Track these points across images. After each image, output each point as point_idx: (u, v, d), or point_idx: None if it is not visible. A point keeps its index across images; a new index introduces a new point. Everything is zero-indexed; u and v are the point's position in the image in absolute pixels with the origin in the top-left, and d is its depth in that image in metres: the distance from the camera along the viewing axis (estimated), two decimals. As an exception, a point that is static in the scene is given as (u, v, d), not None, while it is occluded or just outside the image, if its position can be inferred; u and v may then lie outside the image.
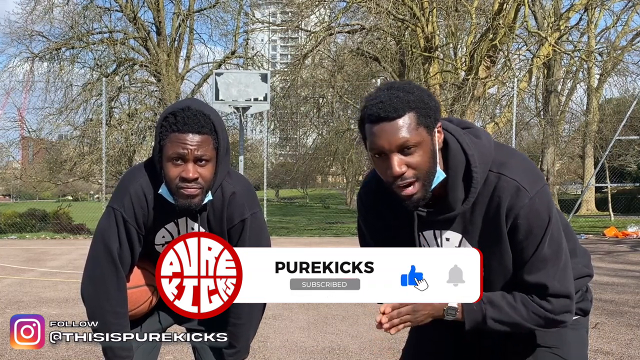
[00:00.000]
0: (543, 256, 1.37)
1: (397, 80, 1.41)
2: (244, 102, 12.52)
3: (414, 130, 1.31)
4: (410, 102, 1.31)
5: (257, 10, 24.61)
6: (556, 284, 1.37)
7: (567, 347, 1.51)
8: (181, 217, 1.75)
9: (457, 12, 15.38)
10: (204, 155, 1.62)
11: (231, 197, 1.76)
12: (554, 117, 21.10)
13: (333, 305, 5.82)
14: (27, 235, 14.72)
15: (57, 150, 20.34)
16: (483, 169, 1.38)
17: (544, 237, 1.36)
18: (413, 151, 1.32)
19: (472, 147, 1.39)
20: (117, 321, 1.74)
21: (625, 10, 19.21)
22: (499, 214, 1.37)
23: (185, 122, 1.60)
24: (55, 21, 19.06)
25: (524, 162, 1.42)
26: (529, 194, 1.35)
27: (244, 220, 1.78)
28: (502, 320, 1.39)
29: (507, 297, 1.41)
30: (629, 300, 6.03)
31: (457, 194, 1.39)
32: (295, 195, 45.63)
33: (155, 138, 1.67)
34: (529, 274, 1.39)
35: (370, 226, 1.61)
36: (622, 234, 14.18)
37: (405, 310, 1.38)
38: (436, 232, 1.46)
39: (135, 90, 20.47)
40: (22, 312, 5.06)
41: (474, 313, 1.40)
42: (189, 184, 1.61)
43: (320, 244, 13.10)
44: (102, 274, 1.73)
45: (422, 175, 1.34)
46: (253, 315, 1.86)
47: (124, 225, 1.72)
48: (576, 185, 32.08)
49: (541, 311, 1.38)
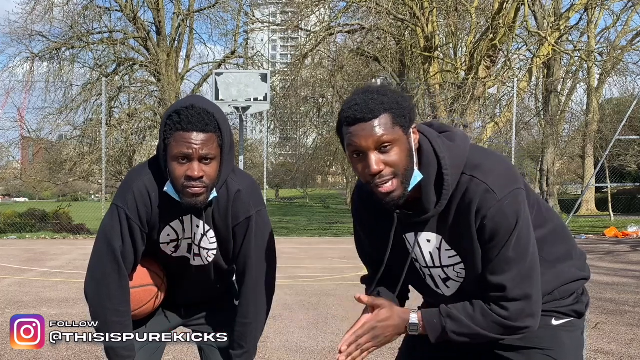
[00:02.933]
0: (507, 258, 1.38)
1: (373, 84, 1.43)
2: (244, 102, 12.52)
3: (390, 129, 1.34)
4: (385, 104, 1.35)
5: (257, 10, 24.61)
6: (515, 287, 1.38)
7: (561, 349, 1.52)
8: (186, 215, 1.75)
9: (457, 12, 15.39)
10: (209, 154, 1.62)
11: (236, 195, 1.76)
12: (554, 117, 21.11)
13: (333, 305, 5.82)
14: (27, 235, 14.71)
15: (57, 150, 20.33)
16: (454, 171, 1.40)
17: (509, 240, 1.37)
18: (390, 149, 1.34)
19: (444, 149, 1.41)
20: (118, 319, 1.73)
21: (625, 10, 19.26)
22: (469, 215, 1.39)
23: (190, 121, 1.60)
24: (55, 21, 19.12)
25: (499, 165, 1.43)
26: (497, 196, 1.36)
27: (249, 217, 1.78)
28: (462, 332, 1.41)
29: (467, 307, 1.43)
30: (629, 300, 6.03)
31: (429, 196, 1.41)
32: (295, 195, 45.66)
33: (160, 136, 1.67)
34: (491, 274, 1.40)
35: (362, 226, 1.64)
36: (622, 234, 14.20)
37: (364, 340, 1.41)
38: (416, 235, 1.49)
39: (135, 90, 20.47)
40: (22, 312, 5.07)
41: (435, 328, 1.42)
42: (194, 182, 1.61)
43: (320, 244, 13.10)
44: (104, 272, 1.73)
45: (400, 173, 1.36)
46: (259, 315, 1.85)
47: (127, 223, 1.71)
48: (576, 185, 32.11)
49: (498, 319, 1.40)
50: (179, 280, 1.89)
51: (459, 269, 1.47)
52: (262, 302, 1.85)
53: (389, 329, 1.43)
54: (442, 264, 1.49)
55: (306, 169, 29.72)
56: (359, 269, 7.61)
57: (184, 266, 1.85)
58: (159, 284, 1.86)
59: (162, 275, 1.87)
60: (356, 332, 1.42)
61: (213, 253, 1.83)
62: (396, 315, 1.44)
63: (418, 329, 1.43)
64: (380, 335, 1.42)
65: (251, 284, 1.81)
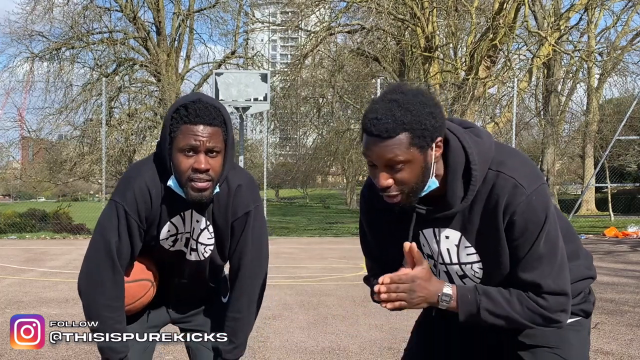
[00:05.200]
0: (538, 254, 1.38)
1: (404, 89, 1.39)
2: (244, 102, 12.53)
3: (404, 150, 1.31)
4: (406, 124, 1.30)
5: (257, 10, 24.60)
6: (550, 282, 1.38)
7: (568, 347, 1.52)
8: (187, 210, 1.76)
9: (457, 12, 15.39)
10: (215, 147, 1.64)
11: (237, 190, 1.78)
12: (554, 117, 21.10)
13: (333, 305, 5.82)
14: (27, 235, 14.71)
15: (57, 150, 20.31)
16: (482, 167, 1.39)
17: (539, 235, 1.37)
18: (401, 168, 1.33)
19: (472, 145, 1.40)
20: (111, 315, 1.73)
21: (625, 10, 19.27)
22: (497, 212, 1.38)
23: (197, 114, 1.62)
24: (55, 21, 19.08)
25: (523, 161, 1.43)
26: (527, 191, 1.36)
27: (248, 212, 1.80)
28: (497, 313, 1.39)
29: (502, 291, 1.41)
30: (629, 300, 6.03)
31: (456, 192, 1.39)
32: (295, 195, 45.64)
33: (164, 130, 1.68)
34: (523, 271, 1.39)
35: (371, 224, 1.62)
36: (622, 234, 14.19)
37: (403, 287, 1.37)
38: (435, 230, 1.47)
39: (135, 90, 20.47)
40: (22, 312, 5.07)
41: (469, 303, 1.40)
42: (201, 175, 1.63)
43: (320, 244, 13.09)
44: (98, 267, 1.73)
45: (407, 190, 1.36)
46: (251, 310, 1.87)
47: (125, 218, 1.71)
48: (576, 185, 32.09)
49: (536, 307, 1.38)
50: (171, 275, 1.89)
51: (477, 268, 1.46)
52: (254, 297, 1.86)
53: (424, 290, 1.39)
54: (460, 260, 1.48)
55: (306, 169, 29.69)
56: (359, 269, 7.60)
57: (179, 260, 1.86)
58: (153, 278, 1.86)
59: (154, 270, 1.87)
60: (399, 277, 1.38)
61: (210, 248, 1.84)
62: (434, 280, 1.41)
63: (450, 301, 1.40)
64: (415, 292, 1.38)
65: (245, 279, 1.83)
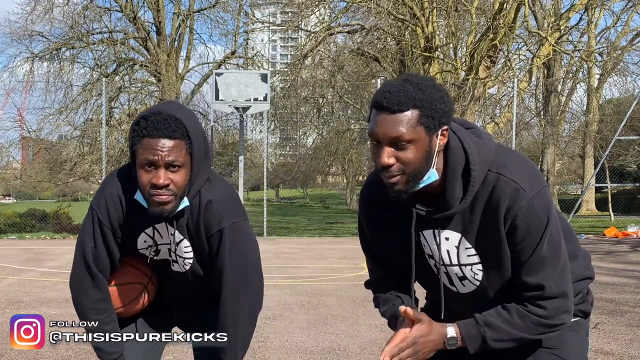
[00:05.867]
0: (541, 257, 1.38)
1: (417, 74, 1.39)
2: (244, 102, 12.53)
3: (411, 127, 1.31)
4: (417, 100, 1.31)
5: (257, 10, 24.61)
6: (553, 285, 1.38)
7: (566, 347, 1.52)
8: (159, 223, 1.73)
9: (457, 12, 15.39)
10: (176, 161, 1.58)
11: (207, 205, 1.70)
12: (554, 117, 21.11)
13: (333, 305, 5.82)
14: (27, 235, 14.71)
15: (57, 151, 20.30)
16: (482, 168, 1.38)
17: (542, 238, 1.37)
18: (406, 147, 1.32)
19: (472, 146, 1.39)
20: (96, 317, 1.75)
21: (625, 10, 19.28)
22: (498, 215, 1.37)
23: (156, 127, 1.56)
24: (55, 21, 19.06)
25: (524, 164, 1.42)
26: (528, 195, 1.35)
27: (221, 230, 1.72)
28: (503, 338, 1.40)
29: (502, 314, 1.41)
30: (629, 300, 6.03)
31: (454, 192, 1.39)
32: (295, 195, 45.66)
33: (129, 143, 1.64)
34: (527, 274, 1.39)
35: (371, 223, 1.61)
36: (622, 234, 14.19)
37: (406, 354, 1.39)
38: (435, 232, 1.47)
39: (135, 90, 20.45)
40: (22, 312, 5.07)
41: (474, 338, 1.41)
42: (160, 190, 1.58)
43: (321, 244, 13.08)
44: (78, 272, 1.76)
45: (409, 172, 1.34)
46: (239, 327, 1.76)
47: (99, 226, 1.73)
48: (576, 185, 32.09)
49: (537, 319, 1.39)
50: (165, 279, 1.89)
51: (477, 269, 1.46)
52: (241, 313, 1.76)
53: (428, 344, 1.40)
54: (460, 262, 1.47)
55: (306, 169, 29.67)
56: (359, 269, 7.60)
57: (165, 268, 1.85)
58: (145, 282, 1.85)
59: (149, 273, 1.86)
60: (399, 345, 1.39)
61: (189, 262, 1.80)
62: (435, 331, 1.41)
63: (456, 343, 1.41)
64: (420, 351, 1.40)
65: (227, 299, 1.75)
